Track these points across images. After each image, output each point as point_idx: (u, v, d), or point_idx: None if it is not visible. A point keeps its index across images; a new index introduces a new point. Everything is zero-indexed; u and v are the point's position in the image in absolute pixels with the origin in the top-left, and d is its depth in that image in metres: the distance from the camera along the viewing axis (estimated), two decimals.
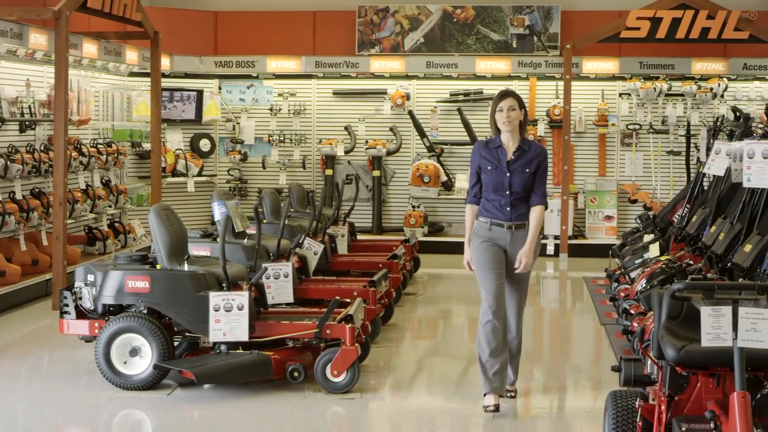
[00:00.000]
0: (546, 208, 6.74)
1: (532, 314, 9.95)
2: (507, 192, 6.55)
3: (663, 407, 4.84)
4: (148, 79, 13.28)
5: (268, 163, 15.19)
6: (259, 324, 7.26)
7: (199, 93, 14.80)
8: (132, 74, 13.94)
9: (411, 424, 6.69)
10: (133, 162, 14.14)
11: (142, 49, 13.32)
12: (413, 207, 14.80)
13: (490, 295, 6.53)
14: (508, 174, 6.55)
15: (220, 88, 15.24)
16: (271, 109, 15.24)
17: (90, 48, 11.97)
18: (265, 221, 9.99)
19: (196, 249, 8.17)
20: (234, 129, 15.24)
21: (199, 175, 14.79)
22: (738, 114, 10.40)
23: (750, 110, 13.53)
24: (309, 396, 7.01)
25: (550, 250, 13.93)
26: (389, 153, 14.96)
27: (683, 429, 4.58)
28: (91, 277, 7.33)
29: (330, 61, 14.77)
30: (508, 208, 6.56)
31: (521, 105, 6.62)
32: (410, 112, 14.83)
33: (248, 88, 15.25)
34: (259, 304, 7.60)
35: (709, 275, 8.24)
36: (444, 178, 14.72)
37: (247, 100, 15.27)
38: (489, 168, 6.59)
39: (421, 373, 8.10)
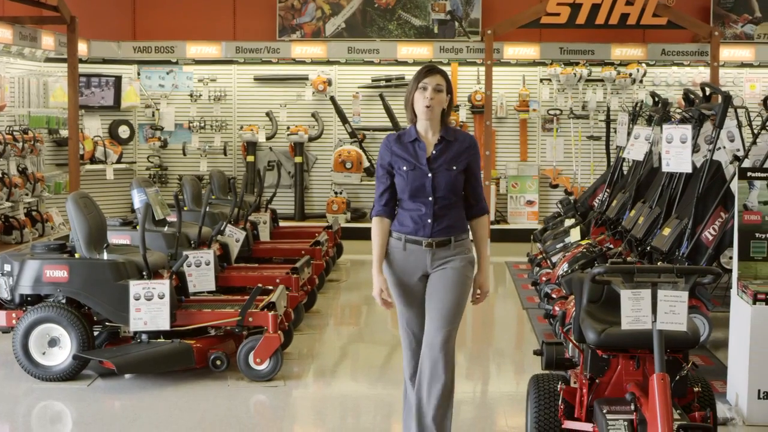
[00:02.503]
0: (487, 214, 5.40)
1: None
2: (430, 198, 5.13)
3: (584, 390, 4.89)
4: (65, 65, 13.08)
5: (189, 149, 15.04)
6: (181, 312, 7.20)
7: (118, 79, 14.59)
8: (48, 60, 13.68)
9: (335, 411, 6.68)
10: (51, 149, 13.89)
11: (59, 34, 13.08)
12: (336, 193, 14.76)
13: (410, 349, 5.27)
14: (429, 174, 5.13)
15: (138, 74, 15.04)
16: (191, 95, 15.08)
17: (4, 33, 11.71)
18: (185, 209, 9.90)
19: (116, 237, 8.10)
20: (153, 115, 15.05)
21: (118, 162, 14.59)
22: (657, 99, 10.52)
23: (668, 95, 13.72)
24: (232, 384, 6.96)
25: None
26: (311, 139, 14.90)
27: (604, 411, 4.63)
28: (7, 267, 7.24)
29: (251, 47, 14.65)
30: (430, 220, 5.12)
31: (449, 88, 5.21)
32: (332, 98, 14.78)
33: (168, 73, 15.07)
34: (180, 292, 7.56)
35: (629, 259, 8.33)
36: (366, 164, 14.69)
37: (166, 86, 15.09)
38: (404, 168, 5.15)
39: (344, 360, 8.09)
